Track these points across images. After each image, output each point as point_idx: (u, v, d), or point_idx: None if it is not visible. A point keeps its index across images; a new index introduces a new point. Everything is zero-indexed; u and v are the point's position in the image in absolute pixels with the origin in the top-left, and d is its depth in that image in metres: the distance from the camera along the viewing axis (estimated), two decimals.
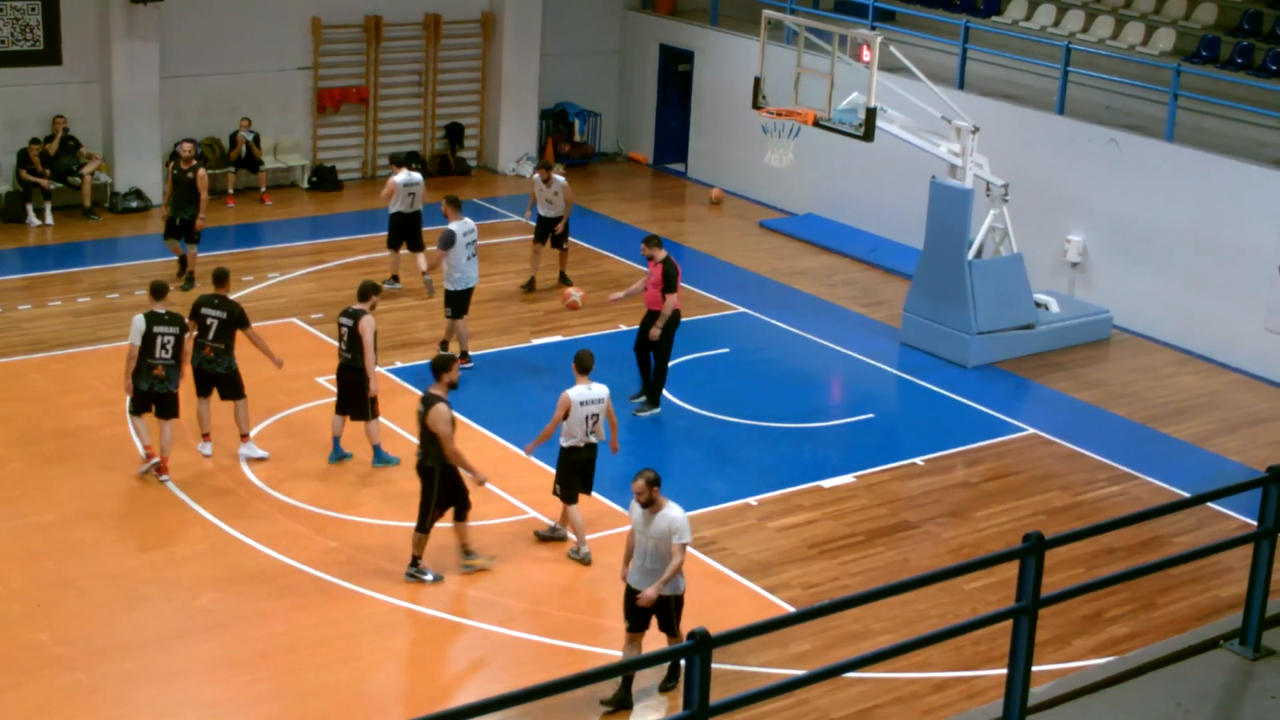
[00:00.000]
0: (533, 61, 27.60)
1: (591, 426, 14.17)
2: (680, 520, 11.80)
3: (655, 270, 17.25)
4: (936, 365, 19.73)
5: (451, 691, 12.45)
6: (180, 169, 20.36)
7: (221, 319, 15.73)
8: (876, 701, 12.40)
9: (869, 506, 15.89)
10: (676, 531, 11.77)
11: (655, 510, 11.82)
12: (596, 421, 14.17)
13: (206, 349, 15.68)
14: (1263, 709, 7.89)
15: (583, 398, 14.07)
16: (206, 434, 16.07)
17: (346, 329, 15.71)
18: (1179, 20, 23.38)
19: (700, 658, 6.36)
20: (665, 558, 11.82)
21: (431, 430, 13.43)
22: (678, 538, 11.77)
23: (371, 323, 15.65)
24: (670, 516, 11.79)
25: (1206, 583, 14.59)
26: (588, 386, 14.16)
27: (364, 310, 15.69)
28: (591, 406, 14.10)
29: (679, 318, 17.48)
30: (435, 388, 13.65)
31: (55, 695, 12.05)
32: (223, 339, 15.73)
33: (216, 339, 15.70)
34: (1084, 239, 21.59)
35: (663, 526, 11.79)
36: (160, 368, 15.23)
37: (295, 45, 25.69)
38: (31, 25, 23.42)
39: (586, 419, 14.12)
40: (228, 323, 15.73)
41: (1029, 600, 7.28)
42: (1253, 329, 19.81)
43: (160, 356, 15.22)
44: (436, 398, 13.52)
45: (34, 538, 14.37)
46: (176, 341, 15.30)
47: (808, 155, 22.80)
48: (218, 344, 15.72)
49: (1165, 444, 17.86)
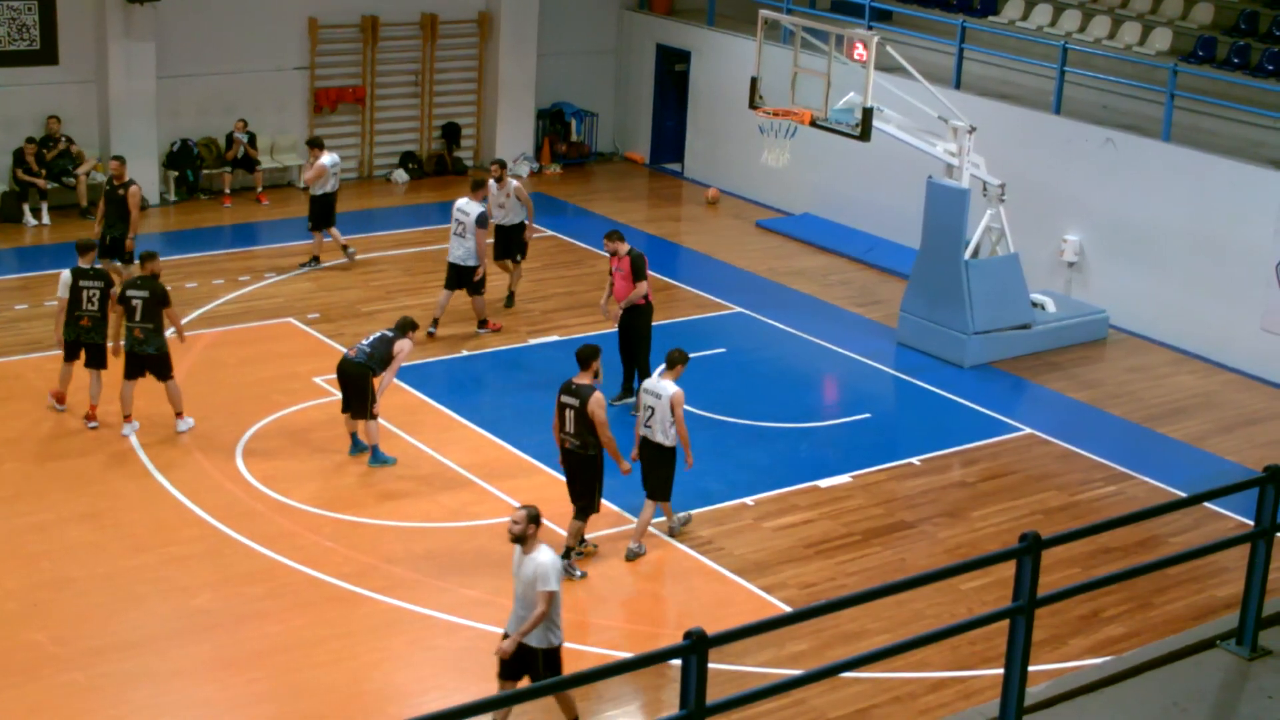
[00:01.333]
0: (529, 61, 27.60)
1: (646, 418, 14.35)
2: (547, 566, 10.85)
3: (623, 264, 17.36)
4: (933, 365, 19.74)
5: (448, 691, 12.44)
6: (112, 185, 19.66)
7: (145, 299, 16.06)
8: (873, 701, 12.40)
9: (866, 506, 15.89)
10: (542, 578, 10.84)
11: (528, 551, 10.97)
12: (651, 414, 14.29)
13: (136, 330, 16.05)
14: (1259, 709, 7.90)
15: (648, 386, 14.46)
16: (128, 415, 16.38)
17: (380, 337, 15.90)
18: (1175, 20, 23.39)
19: (697, 657, 6.37)
20: (532, 605, 10.91)
21: (592, 418, 13.66)
22: (542, 584, 10.83)
23: (408, 348, 15.91)
24: (538, 561, 10.90)
25: (1203, 583, 14.59)
26: (657, 379, 14.56)
27: (406, 336, 15.92)
28: (649, 397, 14.33)
29: (651, 308, 17.64)
30: (582, 377, 13.91)
31: (52, 695, 12.04)
32: (150, 319, 16.05)
33: (144, 319, 16.04)
34: (1080, 239, 21.60)
35: (529, 571, 10.92)
36: (86, 319, 16.19)
37: (292, 45, 25.68)
38: (28, 25, 23.41)
39: (644, 408, 14.41)
40: (151, 302, 16.05)
41: (1025, 600, 7.28)
42: (1249, 329, 19.82)
43: (86, 309, 16.18)
44: (591, 386, 13.80)
45: (31, 537, 14.36)
46: (101, 295, 16.17)
47: (804, 155, 22.81)
48: (145, 324, 16.05)
49: (1162, 444, 17.87)
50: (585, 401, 13.63)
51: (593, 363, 13.93)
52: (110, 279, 16.12)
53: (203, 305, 20.36)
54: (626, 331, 17.59)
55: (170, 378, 16.38)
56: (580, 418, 13.68)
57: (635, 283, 17.29)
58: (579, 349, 14.06)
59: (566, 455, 14.00)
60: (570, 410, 13.74)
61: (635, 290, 17.30)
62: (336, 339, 19.14)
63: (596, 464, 13.90)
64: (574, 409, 13.71)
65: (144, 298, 16.07)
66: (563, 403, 13.82)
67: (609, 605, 13.83)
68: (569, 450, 13.92)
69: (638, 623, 13.66)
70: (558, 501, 15.49)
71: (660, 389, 14.23)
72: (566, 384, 13.89)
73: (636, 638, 13.28)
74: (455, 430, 17.06)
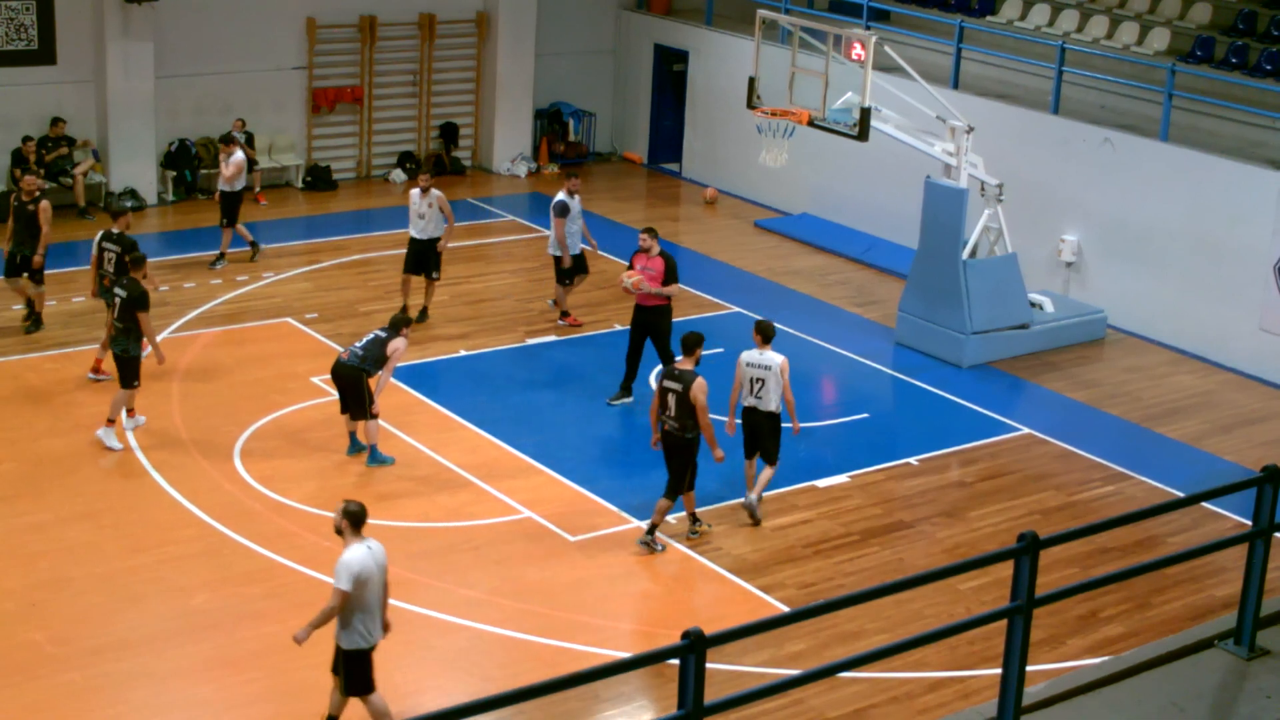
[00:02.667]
0: (527, 61, 27.60)
1: (756, 390, 14.92)
2: (340, 563, 10.65)
3: (654, 264, 17.38)
4: (931, 365, 19.74)
5: (446, 691, 12.44)
6: (20, 201, 18.74)
7: (123, 299, 15.99)
8: (871, 701, 12.40)
9: (864, 506, 15.90)
10: (335, 574, 10.69)
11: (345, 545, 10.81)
12: (761, 386, 14.89)
13: (109, 328, 16.31)
14: (1257, 708, 7.90)
15: (750, 360, 14.98)
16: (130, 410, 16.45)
17: (374, 338, 15.81)
18: (1174, 20, 23.39)
19: (695, 657, 6.37)
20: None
21: (694, 403, 14.13)
22: (334, 580, 10.67)
23: (402, 346, 15.81)
24: (340, 558, 10.74)
25: (1201, 582, 14.59)
26: (760, 352, 14.99)
27: (399, 334, 15.82)
28: (757, 370, 14.91)
29: (671, 309, 17.83)
30: (685, 362, 14.47)
31: (50, 695, 12.04)
32: (124, 319, 15.97)
33: (119, 318, 16.02)
34: (1079, 239, 21.60)
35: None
36: (108, 279, 16.75)
37: (290, 45, 25.68)
38: (26, 25, 23.40)
39: (751, 381, 14.94)
40: (128, 303, 15.95)
41: (1024, 600, 7.29)
42: (1247, 329, 19.83)
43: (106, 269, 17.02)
44: (693, 372, 14.31)
45: (29, 537, 14.36)
46: (117, 259, 16.90)
47: (802, 155, 22.82)
48: (118, 323, 16.03)
49: (1160, 444, 17.87)
50: (689, 387, 14.19)
51: (696, 350, 14.55)
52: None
53: (200, 305, 20.35)
54: (645, 330, 17.70)
55: (131, 386, 16.06)
56: (682, 402, 14.23)
57: (666, 285, 17.43)
58: (684, 335, 14.68)
59: (665, 437, 14.53)
60: (672, 395, 14.29)
61: (664, 289, 17.42)
62: (334, 339, 19.14)
63: (693, 447, 14.46)
64: (676, 394, 14.25)
65: (123, 297, 15.98)
66: (665, 387, 14.37)
67: (607, 605, 13.83)
68: (668, 432, 14.46)
69: (636, 622, 13.65)
70: (557, 501, 15.54)
71: (768, 360, 14.91)
72: (669, 369, 14.52)
73: (635, 637, 13.28)
74: (453, 430, 17.06)
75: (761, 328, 15.19)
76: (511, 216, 25.10)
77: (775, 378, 14.89)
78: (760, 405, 15.00)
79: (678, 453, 14.45)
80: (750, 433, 15.21)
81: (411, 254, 19.70)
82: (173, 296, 20.56)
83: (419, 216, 19.44)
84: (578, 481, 15.98)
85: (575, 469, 16.25)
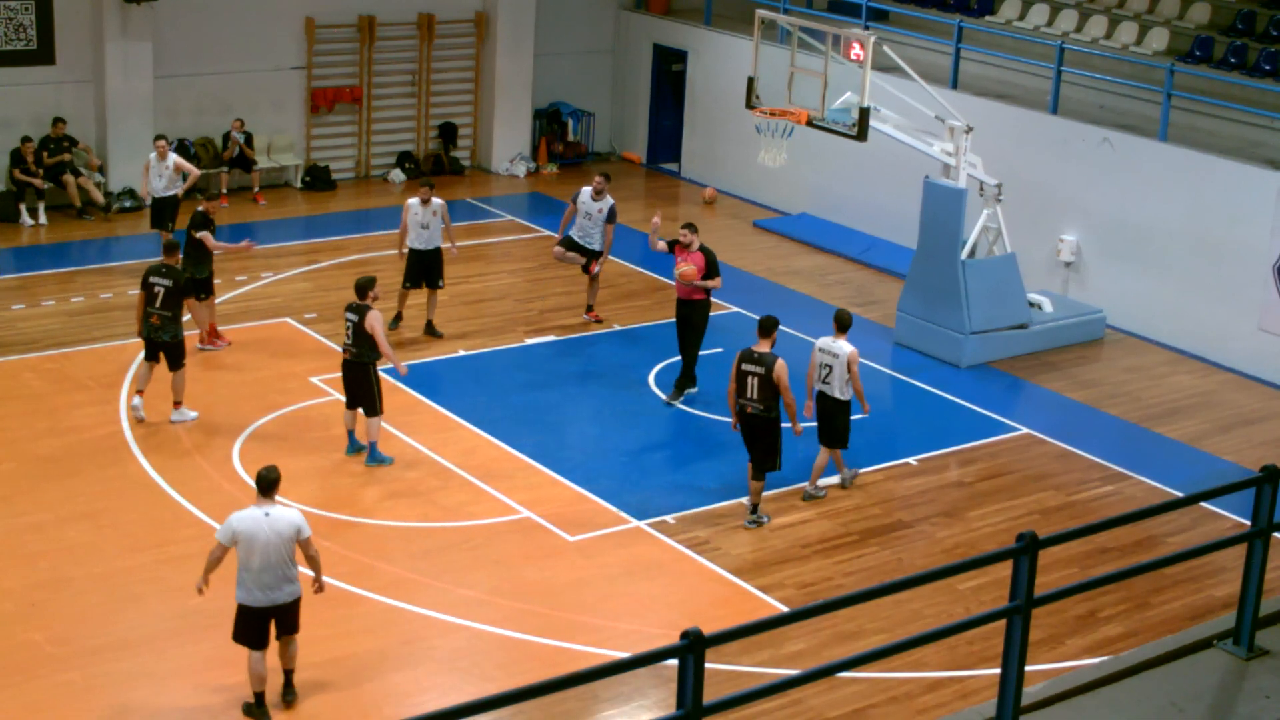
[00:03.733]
0: (526, 61, 27.60)
1: (824, 375, 15.57)
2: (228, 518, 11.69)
3: (695, 258, 17.64)
4: (930, 365, 19.75)
5: (445, 691, 12.44)
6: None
7: (167, 287, 16.35)
8: (870, 701, 12.41)
9: (863, 506, 15.90)
10: None
11: None
12: (829, 372, 15.51)
13: (154, 317, 16.38)
14: (1256, 709, 7.90)
15: (822, 345, 15.68)
16: (140, 390, 16.74)
17: (352, 325, 15.74)
18: (1173, 20, 23.40)
19: (694, 657, 6.36)
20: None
21: (777, 383, 14.68)
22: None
23: (378, 315, 15.72)
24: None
25: (1200, 582, 14.60)
26: (832, 340, 15.63)
27: (367, 305, 15.71)
28: (826, 356, 15.59)
29: (710, 303, 18.13)
30: (763, 345, 14.91)
31: (49, 695, 12.04)
32: (169, 307, 16.36)
33: (163, 307, 16.35)
34: (1077, 239, 21.61)
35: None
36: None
37: (289, 45, 25.68)
38: (25, 25, 23.40)
39: (820, 367, 15.62)
40: (173, 291, 16.36)
41: (1023, 600, 7.28)
42: (1246, 329, 19.83)
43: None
44: (773, 354, 14.83)
45: (28, 537, 14.36)
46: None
47: (801, 155, 22.83)
48: (164, 311, 16.36)
49: (1159, 444, 17.88)
50: (770, 368, 14.69)
51: (773, 332, 15.03)
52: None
53: None
54: (684, 324, 17.90)
55: (181, 367, 16.62)
56: (764, 384, 14.71)
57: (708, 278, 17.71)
58: (763, 319, 15.13)
59: (748, 420, 14.93)
60: (754, 377, 14.76)
61: (708, 282, 17.69)
62: (333, 339, 19.13)
63: (777, 426, 14.93)
64: (759, 376, 14.73)
65: (166, 286, 16.37)
66: (745, 370, 14.80)
67: (606, 605, 13.83)
68: (751, 415, 14.88)
69: (635, 622, 13.65)
70: (556, 501, 15.54)
71: (837, 349, 15.49)
72: (748, 352, 14.86)
73: (633, 638, 13.27)
74: (452, 430, 17.06)
75: (838, 317, 15.79)
76: (510, 217, 25.09)
77: (841, 366, 15.46)
78: (828, 391, 15.62)
79: (763, 434, 14.94)
80: (820, 418, 15.81)
81: (416, 265, 19.30)
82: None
83: (422, 227, 19.13)
84: (577, 481, 15.98)
85: (574, 469, 16.25)
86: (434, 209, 19.15)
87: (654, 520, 15.21)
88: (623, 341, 19.92)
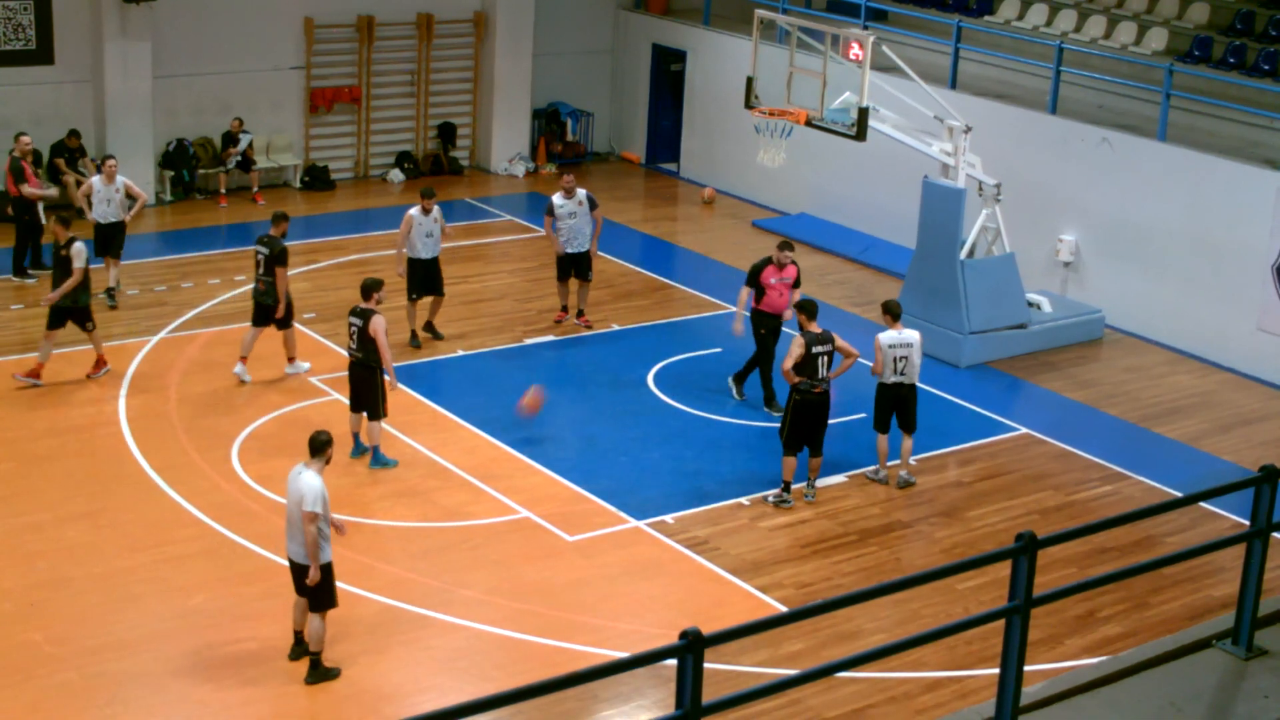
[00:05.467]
0: (525, 61, 27.60)
1: (901, 368, 15.99)
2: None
3: (790, 273, 17.69)
4: (929, 365, 19.68)
5: (444, 691, 12.44)
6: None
7: (266, 255, 17.51)
8: (869, 701, 12.41)
9: (862, 506, 15.90)
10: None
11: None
12: (906, 363, 15.99)
13: (259, 283, 17.64)
14: (1255, 708, 7.90)
15: (891, 341, 15.96)
16: (244, 357, 17.80)
17: (356, 329, 15.72)
18: (1171, 20, 23.41)
19: (693, 657, 6.36)
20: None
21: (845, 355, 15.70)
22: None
23: (382, 321, 15.70)
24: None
25: (1199, 582, 14.60)
26: (898, 331, 16.01)
27: (372, 310, 15.71)
28: (900, 349, 15.95)
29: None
30: (813, 326, 15.62)
31: (48, 695, 12.04)
32: (270, 273, 17.52)
33: (265, 273, 17.55)
34: (1076, 239, 21.61)
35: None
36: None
37: (288, 45, 25.68)
38: (24, 25, 23.40)
39: (895, 360, 15.96)
40: (270, 259, 17.49)
41: (1021, 600, 7.29)
42: (1245, 329, 19.84)
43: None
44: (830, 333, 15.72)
45: (27, 537, 14.36)
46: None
47: (800, 155, 22.83)
48: (266, 277, 17.54)
49: (1158, 444, 17.88)
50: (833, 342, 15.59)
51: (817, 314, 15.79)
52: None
53: (199, 305, 20.36)
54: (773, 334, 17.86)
55: (290, 326, 17.79)
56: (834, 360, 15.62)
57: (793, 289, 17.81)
58: (805, 302, 15.83)
59: (819, 400, 15.53)
60: (826, 356, 15.51)
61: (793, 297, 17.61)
62: (332, 339, 19.15)
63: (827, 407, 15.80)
64: (829, 354, 15.53)
65: (265, 254, 17.48)
66: (816, 353, 15.43)
67: (606, 605, 13.84)
68: (820, 395, 15.52)
69: (633, 622, 13.65)
70: (555, 501, 15.54)
71: (909, 338, 16.02)
72: (815, 335, 15.48)
73: (632, 637, 13.27)
74: (452, 430, 17.06)
75: (889, 307, 16.20)
76: (509, 217, 25.09)
77: (918, 352, 16.04)
78: (906, 380, 16.06)
79: (827, 412, 15.71)
80: (897, 406, 16.14)
81: (422, 275, 19.03)
82: (170, 296, 20.57)
83: (427, 235, 18.90)
84: (576, 481, 15.98)
85: (574, 469, 16.26)
86: (436, 216, 19.06)
87: (653, 520, 15.22)
88: (622, 341, 19.92)
